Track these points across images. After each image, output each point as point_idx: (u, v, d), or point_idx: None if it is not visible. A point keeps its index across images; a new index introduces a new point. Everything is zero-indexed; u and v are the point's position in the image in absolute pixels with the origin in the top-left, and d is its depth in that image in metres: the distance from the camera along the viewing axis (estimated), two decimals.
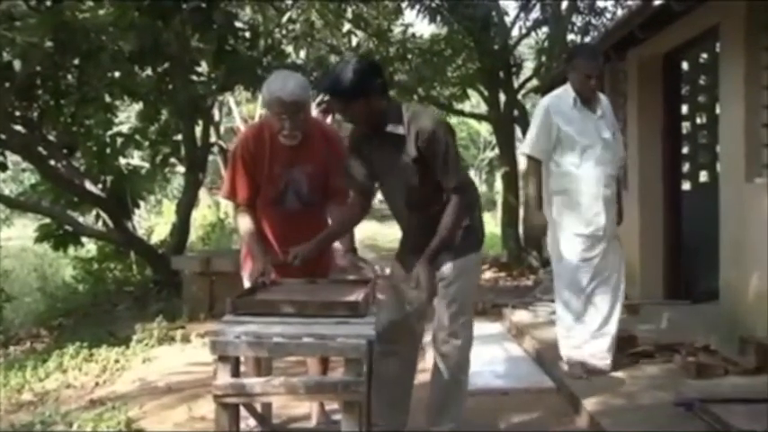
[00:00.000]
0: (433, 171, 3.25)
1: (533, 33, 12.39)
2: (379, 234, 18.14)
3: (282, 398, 2.96)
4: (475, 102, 16.25)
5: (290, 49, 11.59)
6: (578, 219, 4.27)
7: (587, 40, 11.05)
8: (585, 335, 4.34)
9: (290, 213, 3.61)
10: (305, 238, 3.49)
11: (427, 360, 5.37)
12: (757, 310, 4.59)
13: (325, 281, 3.45)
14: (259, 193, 3.61)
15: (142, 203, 9.79)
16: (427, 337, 4.83)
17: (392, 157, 3.29)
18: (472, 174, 26.06)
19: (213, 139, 13.63)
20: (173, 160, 9.39)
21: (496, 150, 15.70)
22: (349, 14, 12.00)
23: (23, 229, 12.82)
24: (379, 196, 3.86)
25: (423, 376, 5.01)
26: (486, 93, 12.10)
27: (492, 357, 5.19)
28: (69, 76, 7.84)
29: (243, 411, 3.07)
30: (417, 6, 10.88)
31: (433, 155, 3.20)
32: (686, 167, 7.29)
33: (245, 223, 3.64)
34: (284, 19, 11.49)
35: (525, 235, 4.10)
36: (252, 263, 3.61)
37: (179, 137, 8.92)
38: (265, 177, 3.56)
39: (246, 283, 3.67)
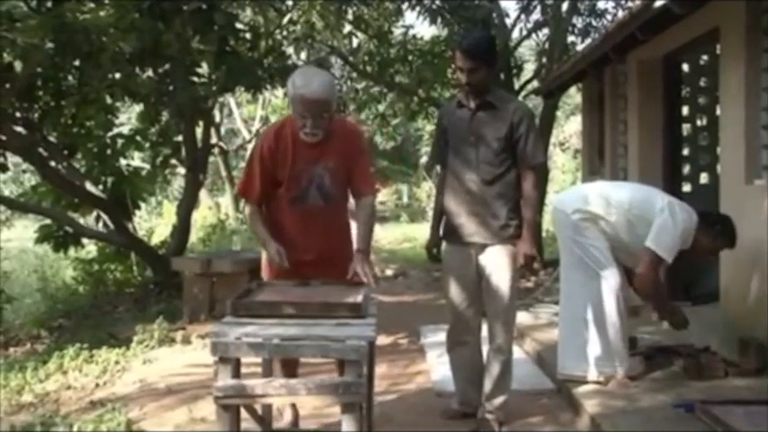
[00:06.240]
0: (512, 148, 3.75)
1: (534, 35, 12.39)
2: (379, 236, 18.17)
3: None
4: None
5: (290, 50, 11.59)
6: None
7: (588, 41, 11.05)
8: None
9: (313, 209, 3.61)
10: (326, 233, 3.57)
11: (427, 360, 5.39)
12: (757, 312, 4.59)
13: (319, 282, 3.44)
14: (274, 192, 3.63)
15: (143, 205, 9.78)
16: (427, 339, 4.83)
17: (480, 127, 3.78)
18: None
19: (214, 140, 13.68)
20: (173, 161, 9.37)
21: None
22: (350, 16, 12.00)
23: (24, 231, 12.82)
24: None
25: (422, 378, 5.05)
26: None
27: None
28: (70, 78, 7.83)
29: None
30: (418, 8, 10.88)
31: (525, 132, 3.74)
32: (687, 169, 7.30)
33: (256, 216, 3.67)
34: (285, 20, 11.48)
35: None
36: (268, 262, 3.66)
37: (179, 138, 8.92)
38: (287, 174, 3.56)
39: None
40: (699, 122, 7.45)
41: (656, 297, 4.41)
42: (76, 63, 7.43)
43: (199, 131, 9.04)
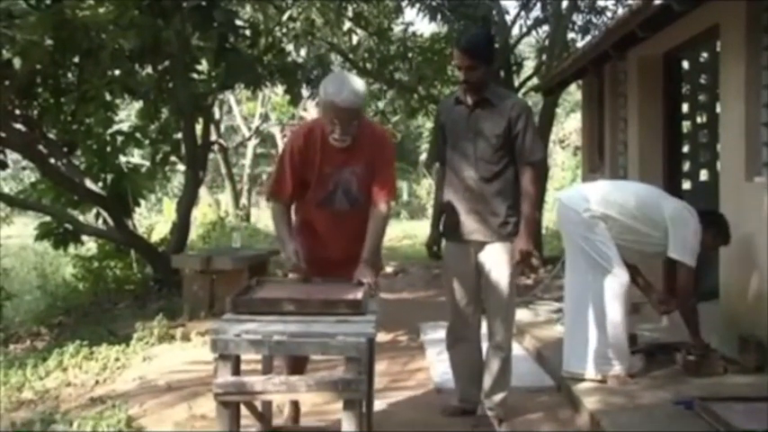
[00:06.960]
0: (511, 144, 3.75)
1: (534, 32, 12.40)
2: None
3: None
4: None
5: (290, 47, 11.58)
6: None
7: (588, 38, 11.04)
8: None
9: (339, 213, 3.61)
10: (353, 236, 3.54)
11: (427, 357, 5.39)
12: (757, 310, 4.59)
13: (320, 280, 3.45)
14: (302, 193, 3.62)
15: (142, 202, 9.78)
16: (426, 335, 4.78)
17: (479, 123, 3.79)
18: None
19: (213, 137, 13.64)
20: (173, 158, 9.37)
21: None
22: (350, 13, 11.99)
23: (24, 228, 12.81)
24: None
25: (422, 375, 5.05)
26: None
27: None
28: (69, 75, 7.84)
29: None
30: (418, 5, 10.87)
31: (523, 127, 3.74)
32: (686, 166, 7.30)
33: (283, 216, 3.66)
34: (285, 17, 11.47)
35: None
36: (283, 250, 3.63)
37: (179, 135, 8.92)
38: (315, 177, 3.56)
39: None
40: (699, 120, 7.44)
41: (692, 315, 4.45)
42: (76, 60, 7.44)
43: (198, 128, 9.04)
